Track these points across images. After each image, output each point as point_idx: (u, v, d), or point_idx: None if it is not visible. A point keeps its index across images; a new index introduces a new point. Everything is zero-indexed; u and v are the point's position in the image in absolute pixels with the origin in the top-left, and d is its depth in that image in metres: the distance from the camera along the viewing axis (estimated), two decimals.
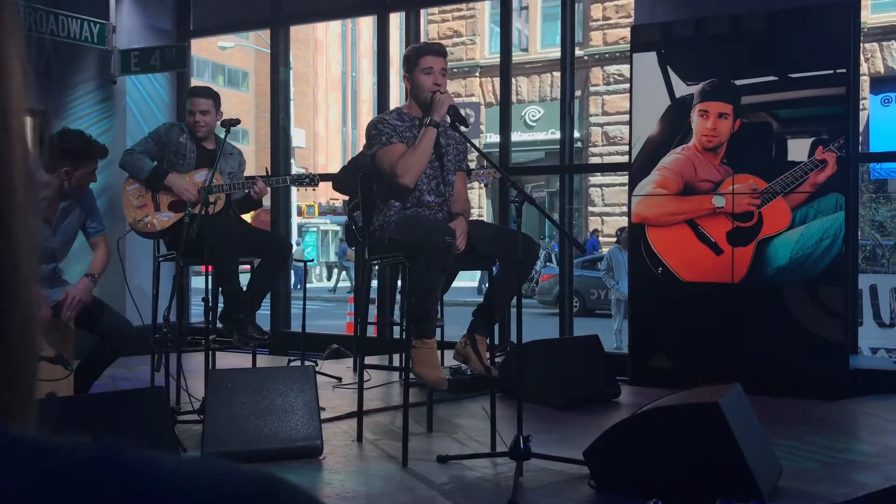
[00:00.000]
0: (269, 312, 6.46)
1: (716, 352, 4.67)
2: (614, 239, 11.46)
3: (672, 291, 4.84)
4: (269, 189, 3.91)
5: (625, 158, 5.31)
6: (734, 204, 4.73)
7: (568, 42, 5.89)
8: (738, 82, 4.74)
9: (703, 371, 4.46)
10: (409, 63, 3.30)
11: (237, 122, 3.86)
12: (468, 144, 3.42)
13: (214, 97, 3.97)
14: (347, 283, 19.47)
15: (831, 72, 4.54)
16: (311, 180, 4.06)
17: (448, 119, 3.25)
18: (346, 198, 5.35)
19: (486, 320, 3.30)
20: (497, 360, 4.59)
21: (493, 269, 3.49)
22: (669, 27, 4.91)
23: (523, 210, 2.98)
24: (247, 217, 4.28)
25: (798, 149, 4.63)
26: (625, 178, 5.15)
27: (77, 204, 3.47)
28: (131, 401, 2.90)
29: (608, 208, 18.54)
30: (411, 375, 3.18)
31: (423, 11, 7.14)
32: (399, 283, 5.02)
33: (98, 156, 3.47)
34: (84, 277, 3.38)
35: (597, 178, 18.65)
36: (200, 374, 3.77)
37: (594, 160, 18.02)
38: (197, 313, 6.97)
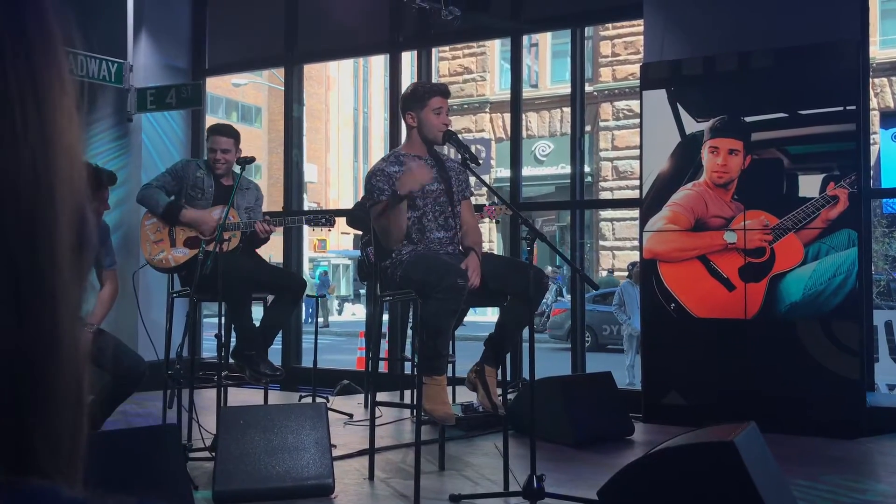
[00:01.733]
0: (280, 347, 6.47)
1: (729, 389, 4.62)
2: (626, 273, 11.43)
3: (685, 327, 4.82)
4: (273, 228, 3.91)
5: (635, 193, 5.32)
6: (746, 240, 4.73)
7: (578, 78, 5.96)
8: (748, 119, 4.77)
9: (717, 408, 4.42)
10: (417, 102, 3.31)
11: (252, 160, 3.90)
12: (469, 173, 3.41)
13: (235, 136, 3.98)
14: (329, 317, 20.01)
15: (841, 108, 4.56)
16: (326, 220, 4.07)
17: (458, 157, 3.29)
18: (360, 232, 5.39)
19: (497, 352, 3.29)
20: (509, 396, 4.57)
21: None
22: (679, 65, 4.96)
23: (535, 245, 3.00)
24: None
25: (809, 185, 4.63)
26: (636, 213, 5.15)
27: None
28: (144, 438, 2.90)
29: (619, 242, 18.53)
30: (422, 413, 3.17)
31: (434, 49, 7.24)
32: (410, 318, 5.03)
33: (108, 183, 3.49)
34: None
35: (608, 213, 18.67)
36: (212, 410, 3.77)
37: (604, 195, 18.07)
38: (209, 349, 6.98)
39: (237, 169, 3.91)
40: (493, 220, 5.42)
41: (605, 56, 18.85)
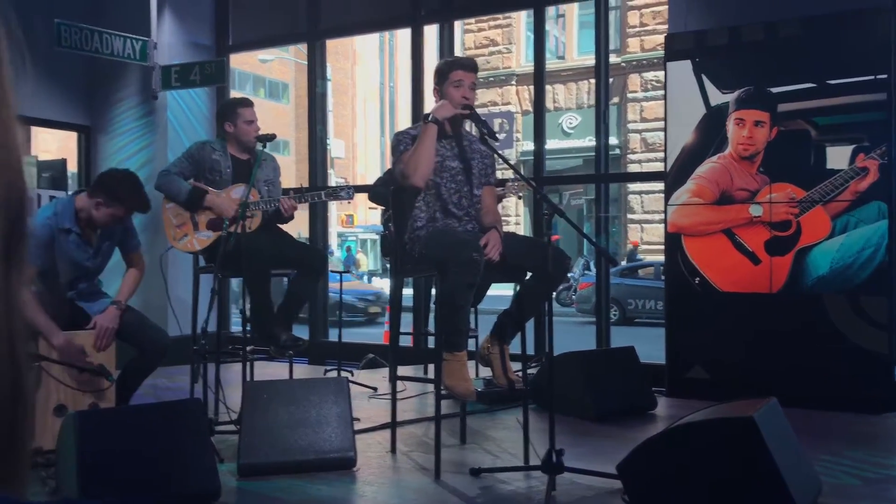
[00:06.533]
0: (307, 321, 6.53)
1: (754, 363, 4.59)
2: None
3: (709, 302, 4.78)
4: (297, 206, 3.92)
5: (663, 165, 5.26)
6: (772, 213, 4.66)
7: (602, 49, 5.87)
8: (775, 90, 4.67)
9: (741, 383, 4.40)
10: (441, 76, 3.33)
11: (273, 137, 3.93)
12: (495, 158, 3.41)
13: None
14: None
15: (871, 77, 4.45)
16: (346, 193, 4.08)
17: (474, 132, 3.28)
18: (383, 208, 5.40)
19: (512, 327, 3.30)
20: (531, 370, 4.58)
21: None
22: (703, 35, 4.86)
23: (560, 221, 2.99)
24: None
25: (838, 156, 4.54)
26: (663, 185, 5.09)
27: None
28: (171, 412, 2.96)
29: (648, 215, 18.35)
30: (442, 388, 3.19)
31: (457, 22, 7.16)
32: (433, 292, 5.05)
33: (130, 207, 3.42)
34: (111, 306, 3.44)
35: (636, 185, 18.48)
36: (239, 384, 3.83)
37: (633, 167, 17.88)
38: (237, 323, 7.08)
39: (258, 146, 3.93)
40: (517, 196, 5.39)
41: (632, 26, 18.53)
